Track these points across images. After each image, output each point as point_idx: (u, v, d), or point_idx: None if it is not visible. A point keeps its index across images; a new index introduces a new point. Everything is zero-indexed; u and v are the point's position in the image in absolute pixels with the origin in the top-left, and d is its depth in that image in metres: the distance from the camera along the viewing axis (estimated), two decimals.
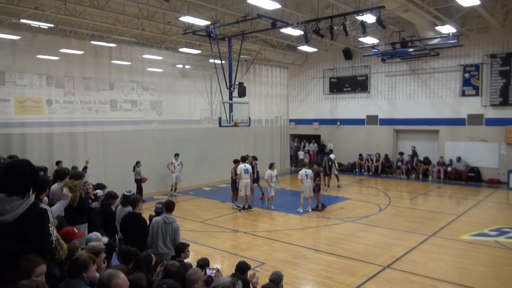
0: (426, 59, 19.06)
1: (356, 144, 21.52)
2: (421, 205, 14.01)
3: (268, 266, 7.94)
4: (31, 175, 3.23)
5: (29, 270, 2.92)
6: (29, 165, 3.25)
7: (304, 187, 12.50)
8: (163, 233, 6.24)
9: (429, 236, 10.02)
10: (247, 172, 12.83)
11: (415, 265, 8.04)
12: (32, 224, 3.16)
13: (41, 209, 3.27)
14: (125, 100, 16.01)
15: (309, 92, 23.76)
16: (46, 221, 3.28)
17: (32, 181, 3.24)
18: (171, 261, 5.03)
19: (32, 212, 3.17)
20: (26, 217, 3.13)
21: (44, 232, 3.26)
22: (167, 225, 6.25)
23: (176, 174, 15.35)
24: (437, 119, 19.00)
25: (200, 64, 19.63)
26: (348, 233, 10.35)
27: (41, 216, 3.24)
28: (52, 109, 13.77)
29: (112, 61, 15.22)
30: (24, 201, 3.15)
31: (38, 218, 3.20)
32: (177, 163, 15.39)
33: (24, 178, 3.17)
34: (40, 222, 3.23)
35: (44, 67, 13.57)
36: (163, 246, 6.22)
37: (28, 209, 3.15)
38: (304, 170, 12.58)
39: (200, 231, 10.87)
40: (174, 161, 15.34)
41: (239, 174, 12.73)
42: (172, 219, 6.28)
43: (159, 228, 6.27)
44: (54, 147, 13.25)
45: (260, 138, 21.24)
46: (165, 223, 6.26)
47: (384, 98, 20.83)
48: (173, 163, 15.32)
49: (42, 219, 3.24)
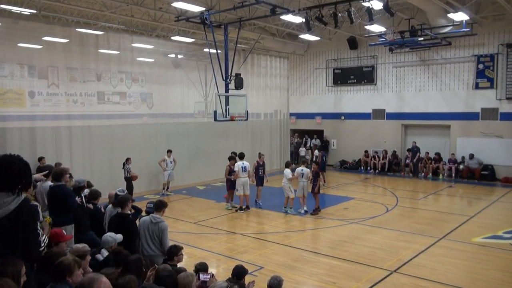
0: (437, 49, 19.06)
1: (362, 140, 21.54)
2: (430, 205, 14.02)
3: (266, 270, 7.95)
4: (25, 172, 3.35)
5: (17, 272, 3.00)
6: (22, 161, 3.37)
7: (298, 186, 12.47)
8: (150, 234, 6.26)
9: (439, 238, 10.03)
10: (245, 170, 12.82)
11: (424, 270, 8.05)
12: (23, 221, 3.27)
13: (32, 205, 3.39)
14: (113, 92, 15.95)
15: (311, 84, 23.73)
16: (36, 217, 3.39)
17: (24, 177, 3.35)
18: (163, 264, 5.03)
19: (23, 208, 3.29)
20: (17, 213, 3.25)
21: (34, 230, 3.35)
22: (154, 225, 6.26)
23: (168, 171, 15.35)
24: (449, 114, 19.03)
25: (194, 53, 19.56)
26: (353, 235, 10.36)
27: (32, 213, 3.35)
28: (35, 102, 13.70)
29: (99, 50, 15.14)
30: (15, 197, 3.28)
31: (28, 214, 3.32)
32: (170, 160, 15.38)
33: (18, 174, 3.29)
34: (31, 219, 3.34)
35: (26, 56, 13.47)
36: (147, 247, 6.23)
37: (19, 205, 3.28)
38: (301, 168, 12.53)
39: (193, 233, 10.87)
40: (166, 158, 15.33)
41: (237, 172, 12.71)
42: (160, 219, 6.29)
43: (146, 228, 6.29)
44: (36, 143, 13.20)
45: (259, 134, 21.22)
46: (152, 223, 6.27)
47: (392, 90, 20.83)
48: (165, 160, 15.30)
49: (33, 216, 3.36)
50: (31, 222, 3.33)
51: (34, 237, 3.35)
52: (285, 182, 12.58)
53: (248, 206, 13.00)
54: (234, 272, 5.28)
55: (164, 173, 15.36)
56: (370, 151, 21.19)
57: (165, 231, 6.27)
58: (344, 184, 17.73)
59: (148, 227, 6.28)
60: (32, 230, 3.34)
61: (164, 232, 6.26)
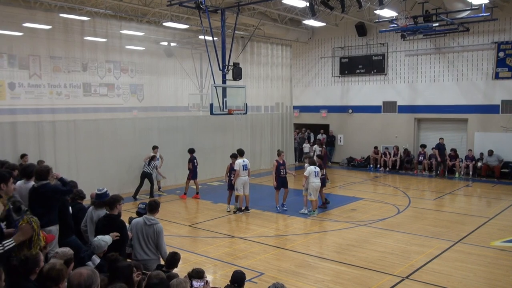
0: (453, 36, 19.02)
1: (371, 136, 21.55)
2: (446, 206, 14.05)
3: (267, 277, 7.97)
4: None
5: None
6: None
7: (311, 187, 12.43)
8: (144, 237, 6.28)
9: (455, 242, 10.04)
10: (246, 169, 12.78)
11: (438, 276, 8.07)
12: None
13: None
14: (101, 83, 15.92)
15: (316, 74, 23.70)
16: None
17: None
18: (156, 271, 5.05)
19: None
20: None
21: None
22: (148, 227, 6.28)
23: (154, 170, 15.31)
24: (466, 106, 19.01)
25: (188, 41, 19.51)
26: (361, 239, 10.38)
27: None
28: (15, 94, 13.69)
29: (85, 37, 15.09)
30: None
31: None
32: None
33: None
34: None
35: (5, 44, 13.45)
36: (141, 251, 6.24)
37: None
38: (313, 166, 12.53)
39: (188, 237, 10.90)
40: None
41: (237, 171, 12.63)
42: (154, 221, 6.32)
43: (139, 231, 6.30)
44: (18, 139, 13.19)
45: (259, 128, 21.22)
46: (146, 225, 6.29)
47: (404, 81, 20.81)
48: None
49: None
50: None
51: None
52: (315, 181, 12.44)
53: (247, 207, 13.01)
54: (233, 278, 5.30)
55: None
56: (380, 147, 21.20)
57: (160, 233, 6.30)
58: (352, 183, 17.74)
59: (142, 229, 6.29)
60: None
61: (160, 234, 6.29)
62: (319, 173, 12.55)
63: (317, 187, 12.46)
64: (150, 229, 6.27)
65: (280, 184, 13.04)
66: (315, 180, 12.40)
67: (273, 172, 13.10)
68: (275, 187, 13.07)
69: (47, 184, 6.47)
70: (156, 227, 6.29)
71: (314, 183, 12.36)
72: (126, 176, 15.53)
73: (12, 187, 4.69)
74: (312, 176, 12.34)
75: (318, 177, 12.48)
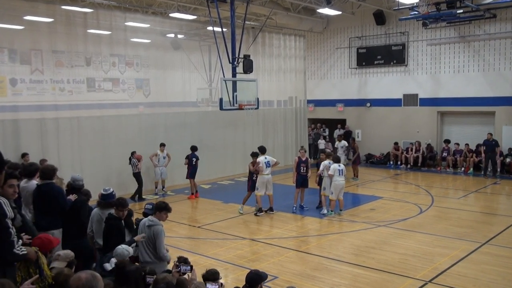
0: (479, 23, 18.79)
1: (391, 130, 21.42)
2: (472, 205, 13.92)
3: (281, 281, 7.97)
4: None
5: None
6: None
7: (334, 186, 12.31)
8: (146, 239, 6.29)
9: (482, 243, 9.95)
10: (269, 166, 12.64)
11: (464, 280, 7.99)
12: None
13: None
14: (105, 78, 16.04)
15: (331, 66, 23.60)
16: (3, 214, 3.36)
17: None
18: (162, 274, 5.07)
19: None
20: None
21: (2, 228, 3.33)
22: (148, 228, 6.30)
23: (160, 168, 15.37)
24: (493, 98, 18.79)
25: (196, 32, 19.54)
26: (380, 240, 10.33)
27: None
28: (17, 90, 13.86)
29: (88, 30, 15.20)
30: None
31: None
32: (163, 155, 15.41)
33: None
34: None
35: (6, 38, 13.62)
36: (144, 253, 6.24)
37: None
38: (337, 164, 12.41)
39: (197, 238, 10.94)
40: (159, 152, 15.36)
41: (261, 168, 12.39)
42: (154, 222, 6.30)
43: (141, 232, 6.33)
44: (20, 137, 13.36)
45: (271, 124, 21.21)
46: (146, 226, 6.32)
47: (426, 72, 20.62)
48: (157, 155, 15.35)
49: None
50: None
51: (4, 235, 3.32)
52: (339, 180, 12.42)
53: (272, 207, 12.90)
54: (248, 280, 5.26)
55: (155, 169, 15.44)
56: (400, 143, 21.06)
57: (158, 235, 6.22)
58: (371, 181, 17.66)
59: (144, 231, 6.32)
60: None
61: (158, 236, 6.22)
62: (343, 171, 12.50)
63: (341, 186, 12.41)
64: (150, 231, 6.27)
65: (300, 182, 13.01)
66: (339, 178, 12.34)
67: (294, 169, 13.12)
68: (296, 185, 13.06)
69: (52, 183, 6.55)
70: (154, 229, 6.26)
71: (338, 181, 12.30)
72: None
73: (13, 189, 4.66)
74: (336, 175, 12.29)
75: (342, 176, 12.44)
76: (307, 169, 13.00)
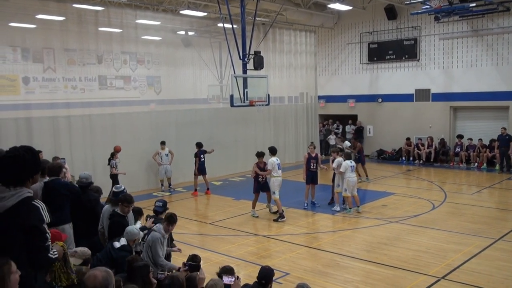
0: (492, 16, 18.56)
1: (403, 126, 21.30)
2: (486, 201, 13.80)
3: (292, 277, 7.97)
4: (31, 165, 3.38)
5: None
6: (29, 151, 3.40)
7: (347, 183, 12.23)
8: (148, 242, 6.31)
9: (496, 240, 9.86)
10: (280, 168, 12.32)
11: (478, 276, 7.93)
12: (19, 222, 3.26)
13: (33, 205, 3.36)
14: (116, 76, 16.13)
15: (342, 62, 23.49)
16: (40, 218, 3.36)
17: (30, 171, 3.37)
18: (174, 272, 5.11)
19: (23, 207, 3.29)
20: (15, 212, 3.25)
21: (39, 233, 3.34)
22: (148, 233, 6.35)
23: (164, 166, 15.41)
24: (507, 93, 18.58)
25: (207, 29, 19.53)
26: (393, 237, 10.29)
27: (34, 213, 3.33)
28: (30, 89, 13.99)
29: (100, 28, 15.29)
30: (17, 193, 3.28)
31: (29, 214, 3.30)
32: (165, 153, 15.45)
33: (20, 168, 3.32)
34: (33, 220, 3.32)
35: (19, 37, 13.72)
36: (145, 256, 6.20)
37: (18, 203, 3.27)
38: (349, 161, 12.41)
39: (209, 235, 10.98)
40: (160, 150, 15.39)
41: (269, 171, 12.00)
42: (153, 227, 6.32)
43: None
44: (33, 134, 13.50)
45: (282, 120, 21.19)
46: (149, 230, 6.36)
47: (438, 67, 20.44)
48: (159, 154, 15.38)
49: (36, 216, 3.33)
50: (34, 224, 3.31)
51: (40, 241, 3.35)
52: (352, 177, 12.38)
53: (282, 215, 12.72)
54: (261, 275, 5.27)
55: (159, 168, 15.47)
56: (413, 138, 20.95)
57: (153, 242, 6.15)
58: (383, 177, 17.57)
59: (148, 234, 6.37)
60: (37, 232, 3.32)
61: (153, 244, 6.14)
62: (354, 168, 12.52)
63: (354, 182, 12.37)
64: (148, 235, 6.28)
65: (309, 178, 12.97)
66: (352, 175, 12.33)
67: (304, 165, 13.12)
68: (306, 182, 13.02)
69: (58, 179, 6.65)
70: (151, 235, 6.23)
71: (350, 178, 12.27)
72: (143, 172, 15.74)
73: None
74: (348, 171, 12.25)
75: (354, 172, 12.46)
76: (316, 165, 12.97)
